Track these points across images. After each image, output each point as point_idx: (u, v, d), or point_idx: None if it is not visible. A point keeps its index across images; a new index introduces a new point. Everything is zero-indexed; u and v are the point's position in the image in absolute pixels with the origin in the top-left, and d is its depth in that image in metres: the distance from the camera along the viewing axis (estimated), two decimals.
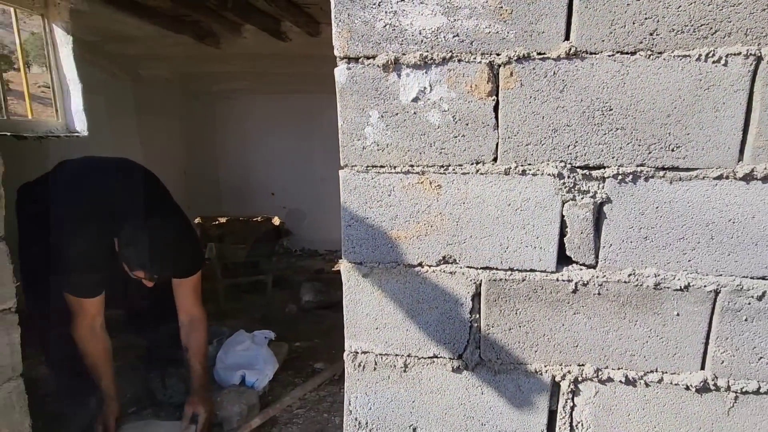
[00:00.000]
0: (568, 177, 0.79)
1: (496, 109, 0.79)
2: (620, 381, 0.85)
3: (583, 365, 0.85)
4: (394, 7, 0.77)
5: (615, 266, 0.82)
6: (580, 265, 0.83)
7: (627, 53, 0.74)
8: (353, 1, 0.77)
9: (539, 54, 0.76)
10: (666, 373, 0.84)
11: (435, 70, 0.79)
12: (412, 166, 0.83)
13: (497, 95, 0.79)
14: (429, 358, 0.89)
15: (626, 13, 0.72)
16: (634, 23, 0.73)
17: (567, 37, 0.75)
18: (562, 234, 0.82)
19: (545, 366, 0.86)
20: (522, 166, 0.80)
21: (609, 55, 0.74)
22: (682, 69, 0.73)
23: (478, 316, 0.87)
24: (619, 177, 0.78)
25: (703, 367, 0.82)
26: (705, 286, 0.79)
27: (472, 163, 0.82)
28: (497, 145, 0.80)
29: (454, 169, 0.82)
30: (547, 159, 0.79)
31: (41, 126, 2.95)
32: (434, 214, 0.84)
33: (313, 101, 3.87)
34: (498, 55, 0.77)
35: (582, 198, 0.80)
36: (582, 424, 0.88)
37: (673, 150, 0.76)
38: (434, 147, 0.82)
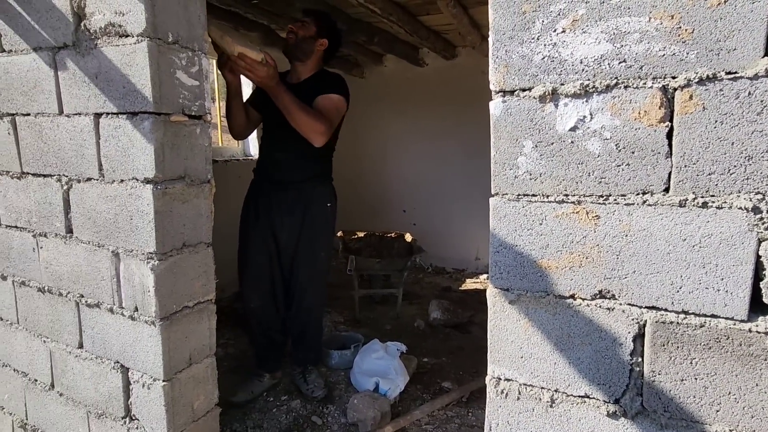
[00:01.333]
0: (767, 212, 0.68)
1: (669, 135, 0.73)
2: None
3: None
4: (553, 39, 0.77)
5: None
6: None
7: None
8: (511, 38, 0.80)
9: (728, 74, 0.68)
10: None
11: (596, 98, 0.76)
12: (566, 195, 0.81)
13: (671, 121, 0.72)
14: (579, 397, 0.84)
15: None
16: None
17: (767, 53, 0.66)
18: (758, 278, 0.70)
19: (731, 430, 0.74)
20: (702, 197, 0.72)
21: None
22: None
23: (640, 359, 0.79)
24: None
25: None
26: None
27: (638, 194, 0.76)
28: (670, 174, 0.73)
29: (615, 200, 0.78)
30: (738, 190, 0.69)
31: (226, 151, 3.64)
32: (590, 246, 0.80)
33: (444, 122, 3.98)
34: (674, 78, 0.71)
35: None
36: None
37: None
38: (593, 176, 0.79)
